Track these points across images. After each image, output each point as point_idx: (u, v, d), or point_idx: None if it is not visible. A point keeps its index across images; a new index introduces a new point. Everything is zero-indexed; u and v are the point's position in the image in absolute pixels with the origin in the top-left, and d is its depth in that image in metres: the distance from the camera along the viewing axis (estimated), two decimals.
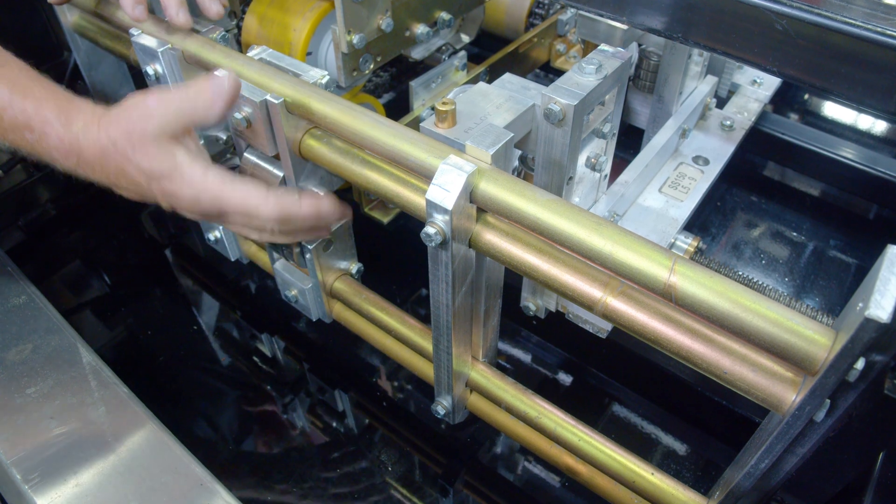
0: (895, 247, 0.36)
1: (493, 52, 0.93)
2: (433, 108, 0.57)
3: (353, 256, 0.75)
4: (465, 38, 0.96)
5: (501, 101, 0.56)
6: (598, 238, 0.44)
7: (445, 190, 0.47)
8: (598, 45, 0.61)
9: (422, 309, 0.95)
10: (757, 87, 0.97)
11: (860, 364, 0.36)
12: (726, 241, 1.01)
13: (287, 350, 0.91)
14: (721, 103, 0.94)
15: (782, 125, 1.00)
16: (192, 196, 0.56)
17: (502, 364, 0.89)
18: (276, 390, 0.86)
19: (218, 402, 0.85)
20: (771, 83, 0.98)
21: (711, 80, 0.90)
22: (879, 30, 0.49)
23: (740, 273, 0.65)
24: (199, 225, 0.84)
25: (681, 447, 0.80)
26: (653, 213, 0.75)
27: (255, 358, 0.91)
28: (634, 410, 0.84)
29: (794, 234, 1.02)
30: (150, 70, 0.68)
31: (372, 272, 0.77)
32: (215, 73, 0.56)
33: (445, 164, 0.47)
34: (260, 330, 0.93)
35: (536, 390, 0.63)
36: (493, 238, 0.50)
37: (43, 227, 1.06)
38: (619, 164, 0.74)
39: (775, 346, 0.39)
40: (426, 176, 0.49)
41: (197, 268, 1.02)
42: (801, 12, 0.51)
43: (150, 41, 0.66)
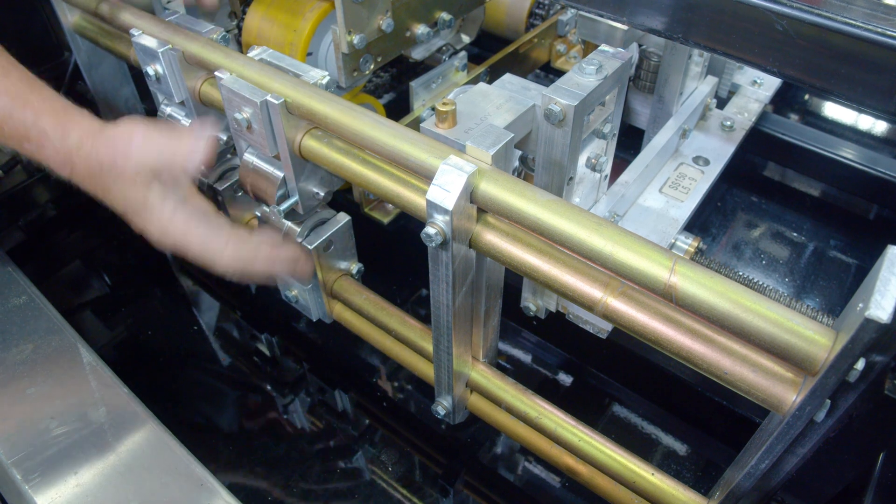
0: (895, 247, 0.36)
1: (493, 53, 0.93)
2: (433, 109, 0.57)
3: (353, 257, 0.75)
4: (466, 39, 0.96)
5: (502, 101, 0.56)
6: (599, 238, 0.44)
7: (446, 190, 0.47)
8: (598, 46, 0.61)
9: (422, 309, 0.95)
10: (757, 88, 0.97)
11: (860, 364, 0.36)
12: (727, 241, 1.01)
13: (287, 350, 0.91)
14: (721, 104, 0.94)
15: (782, 125, 1.00)
16: (158, 233, 0.60)
17: (502, 364, 0.89)
18: (276, 390, 0.86)
19: (218, 403, 0.85)
20: (771, 83, 0.98)
21: (712, 80, 0.90)
22: (879, 30, 0.49)
23: (741, 273, 0.65)
24: None
25: (681, 447, 0.80)
26: (653, 213, 0.75)
27: (256, 358, 0.91)
28: (635, 411, 0.84)
29: (795, 234, 1.02)
30: (150, 70, 0.68)
31: (372, 272, 0.77)
32: (197, 129, 0.58)
33: (446, 165, 0.47)
34: (260, 330, 0.93)
35: (537, 391, 0.63)
36: (493, 238, 0.50)
37: (43, 227, 1.06)
38: (620, 165, 0.74)
39: (776, 346, 0.39)
40: (426, 176, 0.49)
41: (197, 268, 1.02)
42: (802, 13, 0.51)
43: (150, 41, 0.66)
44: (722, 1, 0.55)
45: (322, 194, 0.66)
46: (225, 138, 0.75)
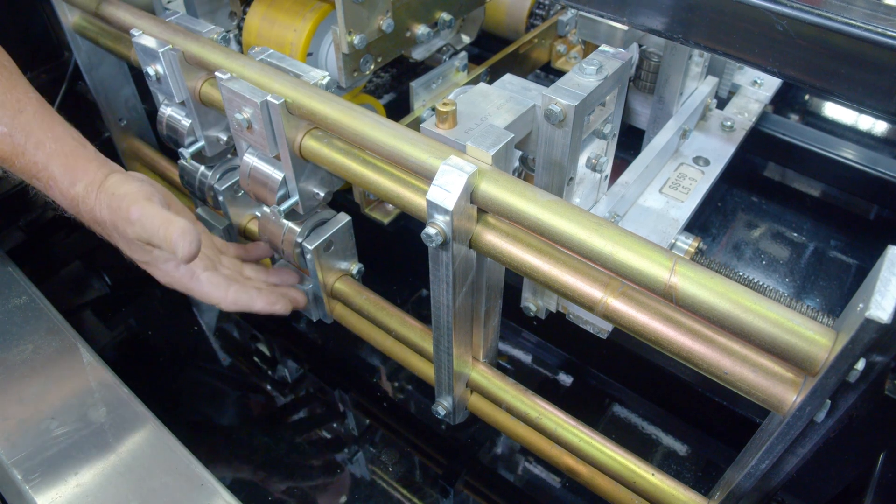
0: (895, 247, 0.36)
1: (493, 53, 0.93)
2: (434, 109, 0.57)
3: (353, 257, 0.75)
4: (466, 39, 0.96)
5: (502, 101, 0.56)
6: (599, 239, 0.44)
7: (446, 191, 0.47)
8: (598, 46, 0.61)
9: (422, 309, 0.95)
10: (757, 88, 0.97)
11: (860, 365, 0.36)
12: (727, 241, 1.01)
13: (287, 350, 0.91)
14: (721, 104, 0.94)
15: (783, 126, 1.00)
16: (165, 282, 0.67)
17: (503, 365, 0.89)
18: (276, 390, 0.86)
19: (218, 403, 0.85)
20: (771, 84, 0.98)
21: (712, 80, 0.90)
22: (880, 30, 0.49)
23: (741, 274, 0.65)
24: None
25: (681, 448, 0.80)
26: (653, 213, 0.75)
27: (256, 358, 0.91)
28: (635, 411, 0.84)
29: (795, 234, 1.02)
30: (150, 70, 0.68)
31: (372, 273, 0.77)
32: (181, 235, 0.58)
33: (446, 165, 0.47)
34: (260, 330, 0.93)
35: (537, 391, 0.63)
36: (493, 239, 0.50)
37: (43, 227, 1.06)
38: (620, 165, 0.74)
39: (776, 346, 0.39)
40: (427, 177, 0.49)
41: None
42: (802, 13, 0.51)
43: (150, 42, 0.66)
44: (722, 1, 0.55)
45: (322, 195, 0.66)
46: (225, 138, 0.75)
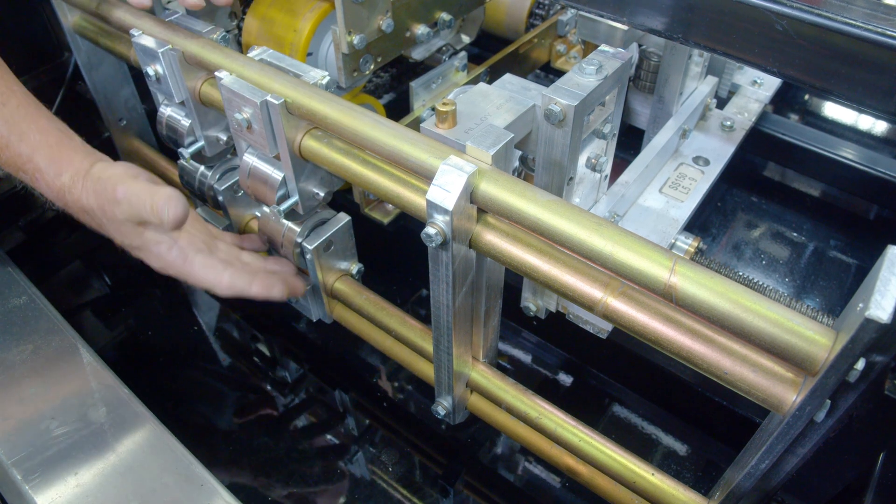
0: (895, 247, 0.36)
1: (493, 53, 0.93)
2: (433, 109, 0.57)
3: (353, 257, 0.75)
4: (466, 39, 0.96)
5: (502, 101, 0.56)
6: (599, 238, 0.44)
7: (446, 190, 0.47)
8: (598, 46, 0.61)
9: (422, 309, 0.95)
10: (757, 88, 0.97)
11: (860, 364, 0.36)
12: (727, 241, 1.01)
13: (287, 350, 0.91)
14: (721, 104, 0.94)
15: (782, 126, 1.00)
16: (159, 266, 0.65)
17: (503, 364, 0.89)
18: (276, 391, 0.86)
19: (218, 403, 0.85)
20: (771, 84, 0.98)
21: (712, 80, 0.90)
22: (880, 30, 0.49)
23: (741, 273, 0.65)
24: None
25: (681, 448, 0.80)
26: (653, 213, 0.75)
27: (256, 358, 0.91)
28: (635, 411, 0.84)
29: (795, 234, 1.02)
30: (150, 70, 0.68)
31: (372, 273, 0.77)
32: (166, 202, 0.59)
33: (446, 165, 0.47)
34: (260, 330, 0.93)
35: (537, 391, 0.63)
36: (493, 238, 0.50)
37: (43, 227, 1.06)
38: (620, 165, 0.74)
39: (776, 346, 0.39)
40: (426, 176, 0.49)
41: None
42: (802, 13, 0.51)
43: (150, 42, 0.66)
44: (722, 1, 0.55)
45: (322, 195, 0.66)
46: (225, 138, 0.75)
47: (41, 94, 0.68)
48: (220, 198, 0.76)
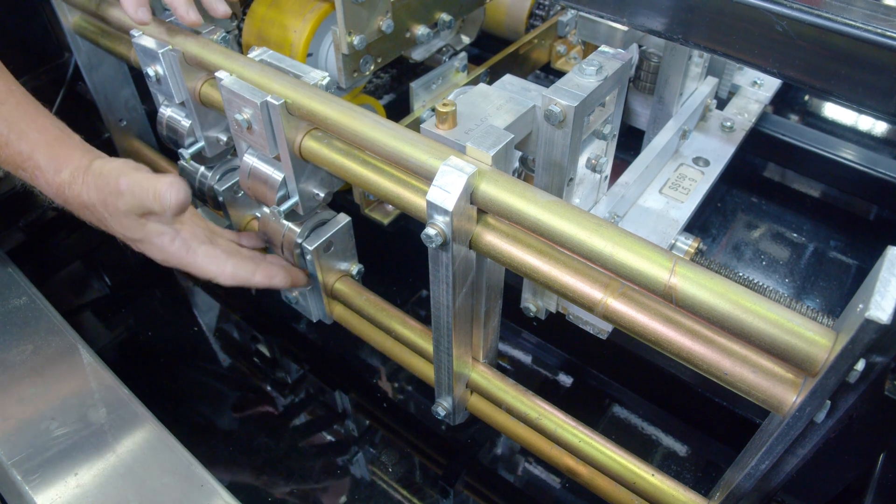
0: (895, 248, 0.36)
1: (493, 54, 0.93)
2: (434, 110, 0.57)
3: (353, 257, 0.75)
4: (466, 40, 0.96)
5: (502, 102, 0.56)
6: (599, 239, 0.44)
7: (446, 191, 0.47)
8: (598, 47, 0.61)
9: (422, 310, 0.95)
10: (757, 89, 0.97)
11: (860, 365, 0.36)
12: (727, 242, 1.01)
13: (287, 351, 0.91)
14: (721, 104, 0.94)
15: (782, 126, 1.00)
16: (161, 259, 0.65)
17: (503, 365, 0.89)
18: (276, 391, 0.86)
19: (218, 403, 0.85)
20: (771, 84, 0.98)
21: (712, 81, 0.90)
22: (879, 31, 0.49)
23: (741, 274, 0.65)
24: None
25: (681, 448, 0.80)
26: (653, 214, 0.75)
27: (256, 359, 0.91)
28: (635, 412, 0.84)
29: (795, 235, 1.02)
30: (150, 71, 0.68)
31: (372, 273, 0.77)
32: (166, 188, 0.60)
33: (446, 166, 0.47)
34: (260, 331, 0.93)
35: (537, 391, 0.63)
36: (493, 239, 0.50)
37: (43, 228, 1.06)
38: (620, 166, 0.74)
39: (776, 347, 0.39)
40: (427, 177, 0.49)
41: None
42: (802, 14, 0.51)
43: (150, 42, 0.66)
44: (722, 2, 0.55)
45: (322, 195, 0.66)
46: (225, 139, 0.75)
47: (41, 95, 0.68)
48: (221, 198, 0.77)
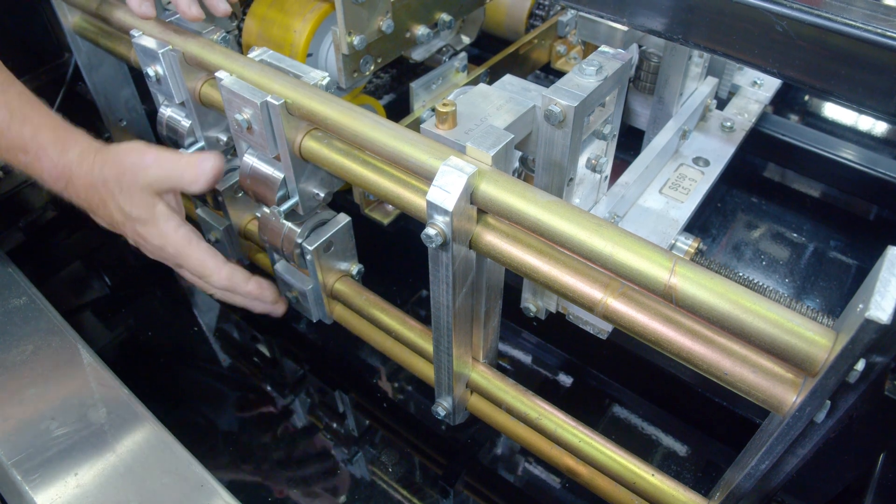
0: (895, 248, 0.36)
1: (493, 54, 0.93)
2: (434, 110, 0.57)
3: (353, 258, 0.75)
4: (466, 40, 0.96)
5: (502, 102, 0.56)
6: (599, 239, 0.44)
7: (446, 191, 0.47)
8: (598, 47, 0.61)
9: (422, 310, 0.95)
10: (757, 89, 0.97)
11: (860, 365, 0.36)
12: (727, 242, 1.01)
13: (287, 351, 0.91)
14: (721, 104, 0.94)
15: (782, 126, 1.00)
16: (159, 244, 0.65)
17: (503, 365, 0.89)
18: (276, 391, 0.86)
19: (218, 403, 0.85)
20: (771, 84, 0.98)
21: (712, 81, 0.90)
22: (879, 31, 0.49)
23: (741, 274, 0.65)
24: (201, 226, 0.84)
25: (681, 448, 0.80)
26: (653, 214, 0.75)
27: (256, 359, 0.91)
28: (635, 412, 0.84)
29: (795, 235, 1.02)
30: (150, 71, 0.68)
31: (372, 273, 0.77)
32: (204, 155, 0.63)
33: (446, 166, 0.47)
34: (260, 331, 0.93)
35: (537, 391, 0.63)
36: (493, 239, 0.50)
37: (43, 228, 1.06)
38: (620, 166, 0.74)
39: (776, 347, 0.39)
40: (427, 177, 0.49)
41: None
42: (802, 14, 0.51)
43: (150, 42, 0.66)
44: (722, 2, 0.55)
45: (322, 195, 0.66)
46: (225, 139, 0.75)
47: (41, 95, 0.68)
48: (220, 198, 0.77)
